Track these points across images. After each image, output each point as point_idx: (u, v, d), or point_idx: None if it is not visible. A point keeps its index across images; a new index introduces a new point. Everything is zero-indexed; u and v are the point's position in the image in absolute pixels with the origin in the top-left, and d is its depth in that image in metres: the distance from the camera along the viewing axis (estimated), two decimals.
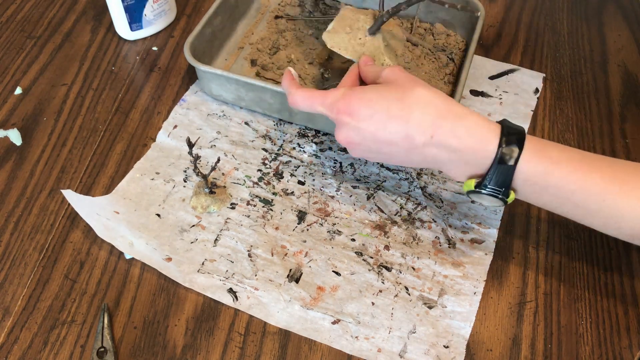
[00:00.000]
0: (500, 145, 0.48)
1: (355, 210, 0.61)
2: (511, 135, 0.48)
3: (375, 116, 0.50)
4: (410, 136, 0.49)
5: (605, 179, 0.48)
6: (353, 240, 0.58)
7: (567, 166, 0.48)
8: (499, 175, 0.48)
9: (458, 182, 0.60)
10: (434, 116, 0.49)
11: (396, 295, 0.55)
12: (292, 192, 0.62)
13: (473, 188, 0.50)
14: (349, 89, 0.53)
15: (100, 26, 0.78)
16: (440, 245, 0.58)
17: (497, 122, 0.50)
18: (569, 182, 0.48)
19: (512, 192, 0.50)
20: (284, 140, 0.66)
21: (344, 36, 0.58)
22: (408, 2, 0.56)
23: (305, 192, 0.62)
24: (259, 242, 0.58)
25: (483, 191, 0.49)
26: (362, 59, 0.59)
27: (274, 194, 0.62)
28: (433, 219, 0.60)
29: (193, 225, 0.59)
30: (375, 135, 0.50)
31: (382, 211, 0.61)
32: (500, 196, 0.49)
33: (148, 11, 0.74)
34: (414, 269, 0.57)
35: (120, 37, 0.77)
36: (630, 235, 0.49)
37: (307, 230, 0.59)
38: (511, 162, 0.48)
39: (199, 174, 0.58)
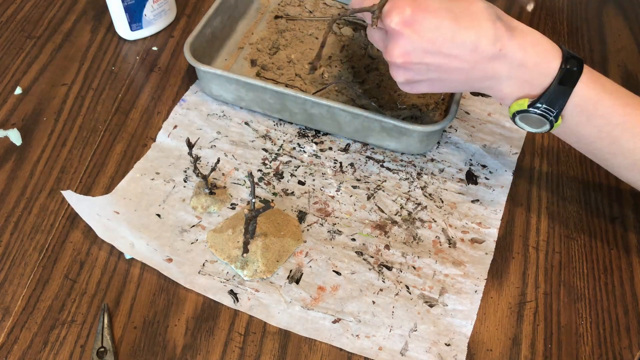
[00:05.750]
0: (562, 64, 0.48)
1: (355, 210, 0.61)
2: (572, 59, 0.49)
3: (442, 27, 0.47)
4: (479, 48, 0.48)
5: None
6: (353, 240, 0.58)
7: (617, 99, 0.50)
8: (556, 95, 0.49)
9: (502, 104, 0.56)
10: (503, 29, 0.48)
11: (397, 294, 0.55)
12: (292, 192, 0.62)
13: (525, 107, 0.49)
14: None
15: (100, 26, 0.78)
16: (441, 245, 0.58)
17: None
18: (615, 114, 0.49)
19: (560, 117, 0.50)
20: (284, 141, 0.66)
21: (225, 237, 0.56)
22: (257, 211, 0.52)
23: (305, 192, 0.62)
24: None
25: (535, 110, 0.49)
26: None
27: (274, 194, 0.62)
28: (433, 219, 0.60)
29: (193, 226, 0.59)
30: (440, 48, 0.48)
31: (382, 211, 0.61)
32: (551, 117, 0.49)
33: (148, 11, 0.74)
34: (414, 268, 0.57)
35: (120, 37, 0.77)
36: None
37: (308, 230, 0.59)
38: (570, 84, 0.48)
39: (199, 174, 0.58)
